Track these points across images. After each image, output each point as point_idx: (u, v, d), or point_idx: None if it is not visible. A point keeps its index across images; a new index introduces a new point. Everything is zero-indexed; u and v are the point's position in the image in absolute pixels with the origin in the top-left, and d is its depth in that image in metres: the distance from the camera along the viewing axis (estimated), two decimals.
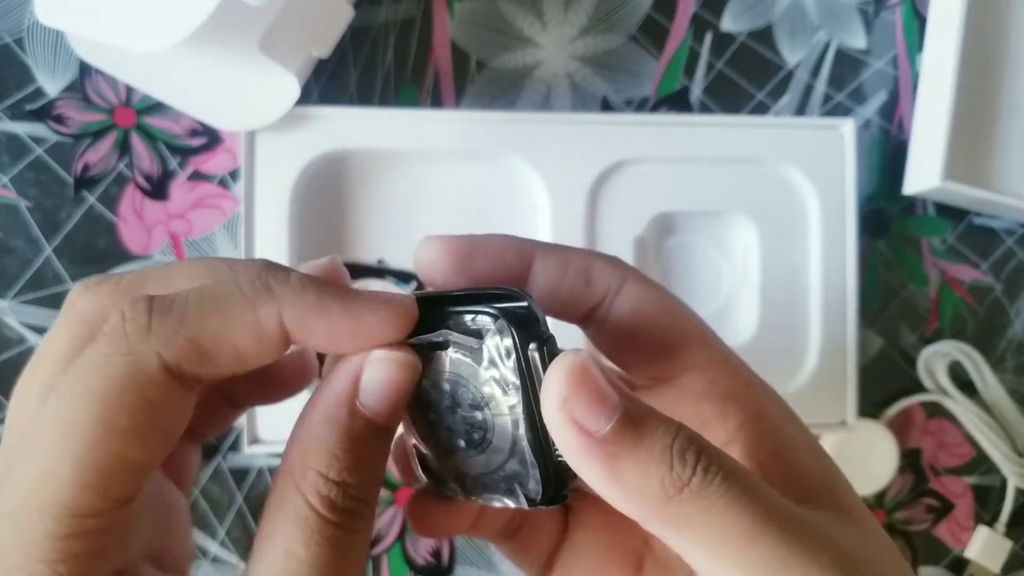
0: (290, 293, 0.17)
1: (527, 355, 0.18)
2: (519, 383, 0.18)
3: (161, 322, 0.17)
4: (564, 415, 0.16)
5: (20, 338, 0.43)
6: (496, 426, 0.18)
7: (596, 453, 0.16)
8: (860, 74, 0.48)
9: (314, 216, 0.43)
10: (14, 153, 0.42)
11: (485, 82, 0.46)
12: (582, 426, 0.16)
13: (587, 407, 0.16)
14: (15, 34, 0.42)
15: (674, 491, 0.16)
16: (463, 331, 0.18)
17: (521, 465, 0.18)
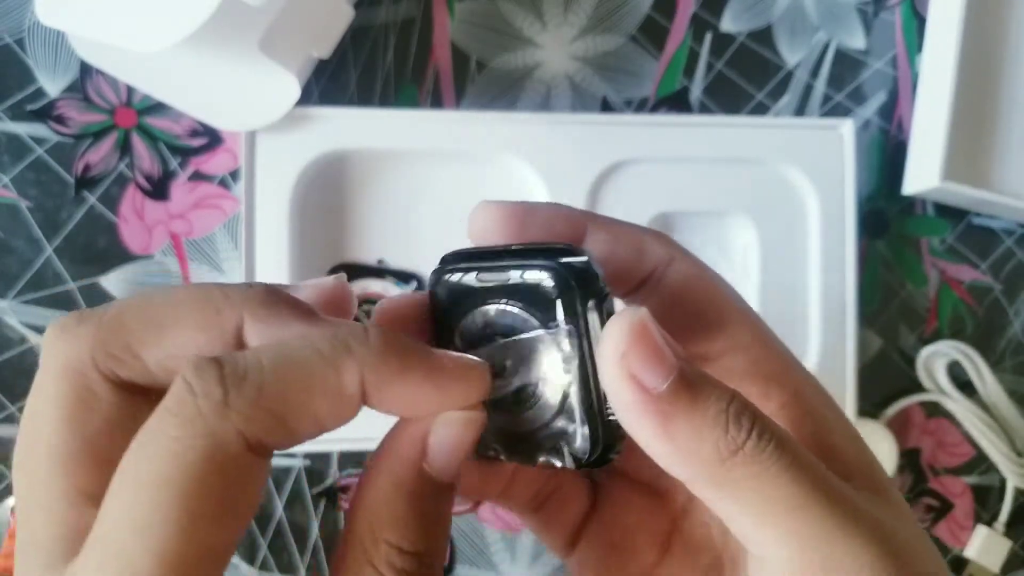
0: (372, 355, 0.16)
1: (585, 310, 0.18)
2: (575, 339, 0.18)
3: (239, 395, 0.15)
4: (622, 370, 0.16)
5: (21, 338, 0.43)
6: (547, 382, 0.18)
7: (651, 411, 0.16)
8: (860, 74, 0.48)
9: (314, 216, 0.43)
10: (15, 153, 0.42)
11: (485, 82, 0.46)
12: (639, 382, 0.16)
13: (645, 363, 0.16)
14: (16, 34, 0.42)
15: (727, 454, 0.16)
16: (519, 284, 0.18)
17: (570, 423, 0.18)
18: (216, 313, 0.17)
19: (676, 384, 0.16)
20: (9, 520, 0.42)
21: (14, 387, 0.43)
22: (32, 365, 0.43)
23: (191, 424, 0.15)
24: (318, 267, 0.44)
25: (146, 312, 0.17)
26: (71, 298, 0.43)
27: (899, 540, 0.17)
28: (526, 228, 0.20)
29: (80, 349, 0.17)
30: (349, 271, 0.44)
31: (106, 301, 0.43)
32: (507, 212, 0.20)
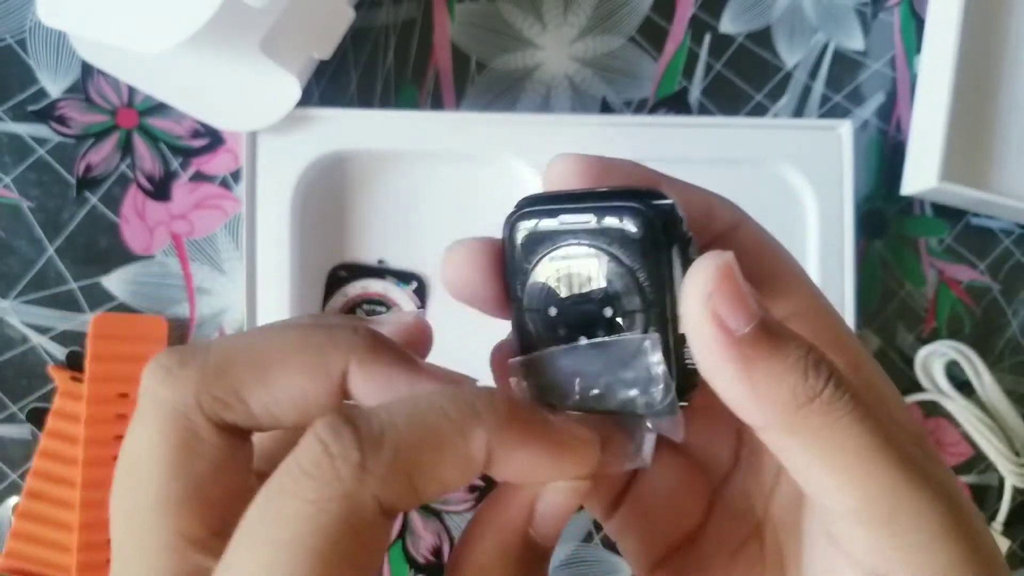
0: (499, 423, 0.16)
1: (669, 253, 0.18)
2: (657, 281, 0.18)
3: (376, 459, 0.15)
4: (707, 311, 0.16)
5: (23, 338, 0.43)
6: (623, 325, 0.18)
7: (733, 353, 0.16)
8: (858, 75, 0.49)
9: (315, 216, 0.43)
10: (16, 154, 0.43)
11: (485, 83, 0.46)
12: (723, 323, 0.16)
13: (730, 305, 0.16)
14: (17, 35, 0.43)
15: (804, 400, 0.16)
16: (602, 226, 0.18)
17: (645, 368, 0.18)
18: (322, 358, 0.17)
19: (758, 328, 0.16)
20: (10, 520, 0.42)
21: (15, 387, 0.43)
22: (34, 365, 0.43)
23: (328, 487, 0.15)
24: (318, 267, 0.44)
25: (251, 355, 0.17)
26: (72, 298, 0.43)
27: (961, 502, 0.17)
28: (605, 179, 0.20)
29: (185, 393, 0.17)
30: (349, 271, 0.44)
31: (107, 301, 0.43)
32: (587, 162, 0.20)
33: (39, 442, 0.42)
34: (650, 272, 0.18)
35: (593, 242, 0.18)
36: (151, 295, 0.43)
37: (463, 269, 0.20)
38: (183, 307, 0.44)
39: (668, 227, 0.18)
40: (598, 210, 0.18)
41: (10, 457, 0.43)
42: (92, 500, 0.41)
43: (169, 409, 0.17)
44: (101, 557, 0.41)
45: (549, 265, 0.19)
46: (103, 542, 0.42)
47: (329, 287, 0.44)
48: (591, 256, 0.18)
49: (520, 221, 0.19)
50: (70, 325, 0.43)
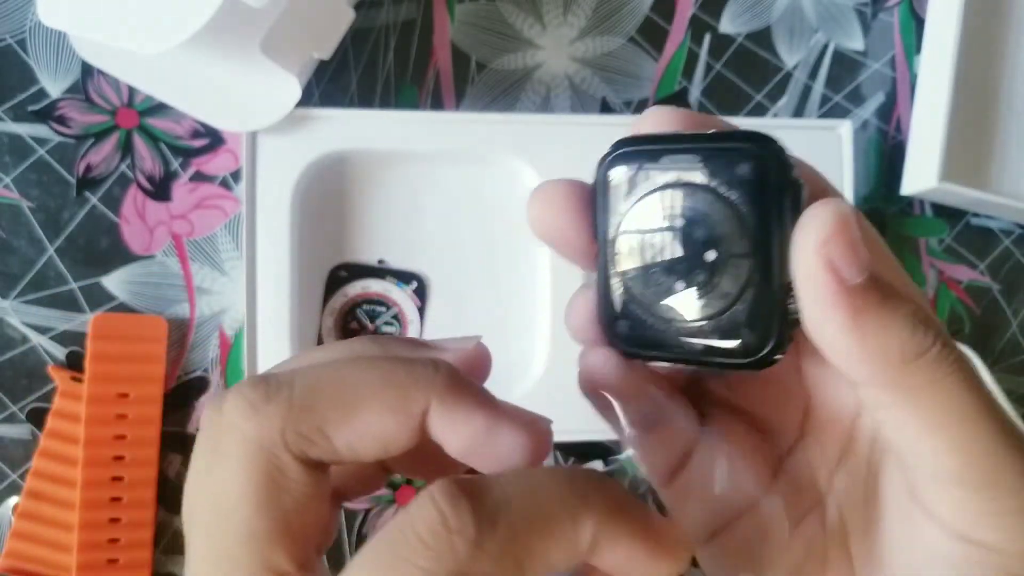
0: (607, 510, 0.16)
1: (781, 196, 0.17)
2: (764, 225, 0.17)
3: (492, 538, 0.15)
4: (821, 257, 0.16)
5: (23, 338, 0.43)
6: (725, 269, 0.18)
7: (844, 302, 0.16)
8: (858, 75, 0.49)
9: (315, 216, 0.43)
10: (17, 154, 0.43)
11: (485, 84, 0.46)
12: (837, 271, 0.16)
13: (845, 254, 0.16)
14: (17, 35, 0.43)
15: (912, 356, 0.16)
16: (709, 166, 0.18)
17: (743, 314, 0.18)
18: (405, 396, 0.17)
19: (870, 280, 0.16)
20: (11, 520, 0.42)
21: (15, 387, 0.43)
22: (34, 365, 0.43)
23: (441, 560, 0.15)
24: (319, 267, 0.44)
25: (336, 393, 0.17)
26: (73, 298, 0.43)
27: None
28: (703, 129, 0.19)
29: (271, 430, 0.17)
30: (350, 271, 0.44)
31: (107, 301, 0.43)
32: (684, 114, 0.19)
33: (39, 442, 0.42)
34: (759, 216, 0.17)
35: (700, 182, 0.18)
36: (151, 295, 0.43)
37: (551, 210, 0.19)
38: (183, 307, 0.44)
39: (781, 171, 0.17)
40: (707, 151, 0.18)
41: (10, 457, 0.43)
42: (92, 500, 0.41)
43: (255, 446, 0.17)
44: (101, 557, 0.42)
45: (648, 206, 0.18)
46: (103, 542, 0.42)
47: (329, 287, 0.44)
48: (696, 197, 0.18)
49: (618, 161, 0.19)
50: (70, 325, 0.43)
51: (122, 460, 0.42)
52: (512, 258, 0.45)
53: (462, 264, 0.45)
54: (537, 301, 0.45)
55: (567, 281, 0.44)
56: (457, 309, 0.45)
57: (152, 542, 0.43)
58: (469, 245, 0.45)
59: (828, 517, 0.21)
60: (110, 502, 0.42)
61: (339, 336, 0.44)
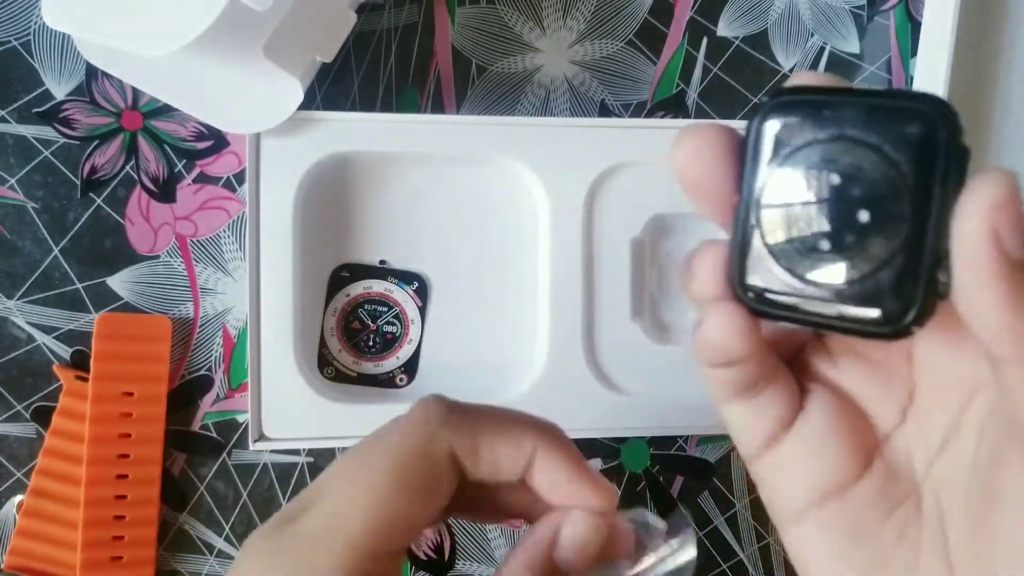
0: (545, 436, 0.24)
1: (947, 160, 0.16)
2: (925, 189, 0.16)
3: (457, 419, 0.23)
4: (988, 226, 0.15)
5: (28, 337, 0.43)
6: (879, 232, 0.17)
7: (1005, 275, 0.15)
8: (854, 78, 0.49)
9: (317, 217, 0.44)
10: (22, 155, 0.43)
11: (485, 86, 0.46)
12: (1001, 243, 0.15)
13: (1012, 224, 0.15)
14: (22, 37, 0.43)
15: None
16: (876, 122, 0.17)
17: (888, 281, 0.17)
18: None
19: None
20: (15, 518, 0.43)
21: (21, 386, 0.43)
22: (39, 364, 0.43)
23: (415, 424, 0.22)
24: (321, 267, 0.44)
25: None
26: (78, 298, 0.43)
27: None
28: None
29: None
30: (352, 271, 0.45)
31: (112, 301, 0.44)
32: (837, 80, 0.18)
33: (44, 441, 0.42)
34: (923, 179, 0.16)
35: (864, 138, 0.17)
36: (155, 295, 0.44)
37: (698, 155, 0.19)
38: (187, 307, 0.44)
39: (951, 134, 0.16)
40: (873, 107, 0.17)
41: (15, 455, 0.43)
42: (96, 498, 0.42)
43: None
44: (105, 555, 0.42)
45: (804, 160, 0.17)
46: (107, 540, 0.42)
47: (331, 287, 0.45)
48: (857, 153, 0.17)
49: (776, 112, 0.18)
50: (75, 325, 0.43)
51: (126, 458, 0.42)
52: (512, 259, 0.46)
53: (463, 265, 0.45)
54: (537, 301, 0.45)
55: (567, 282, 0.44)
56: (458, 309, 0.45)
57: (156, 540, 0.43)
58: (470, 246, 0.45)
59: (925, 504, 0.20)
60: (114, 500, 0.42)
61: (341, 335, 0.45)
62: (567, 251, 0.44)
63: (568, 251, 0.44)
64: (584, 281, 0.44)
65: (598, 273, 0.45)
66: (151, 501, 0.43)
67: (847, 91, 0.17)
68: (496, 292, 0.46)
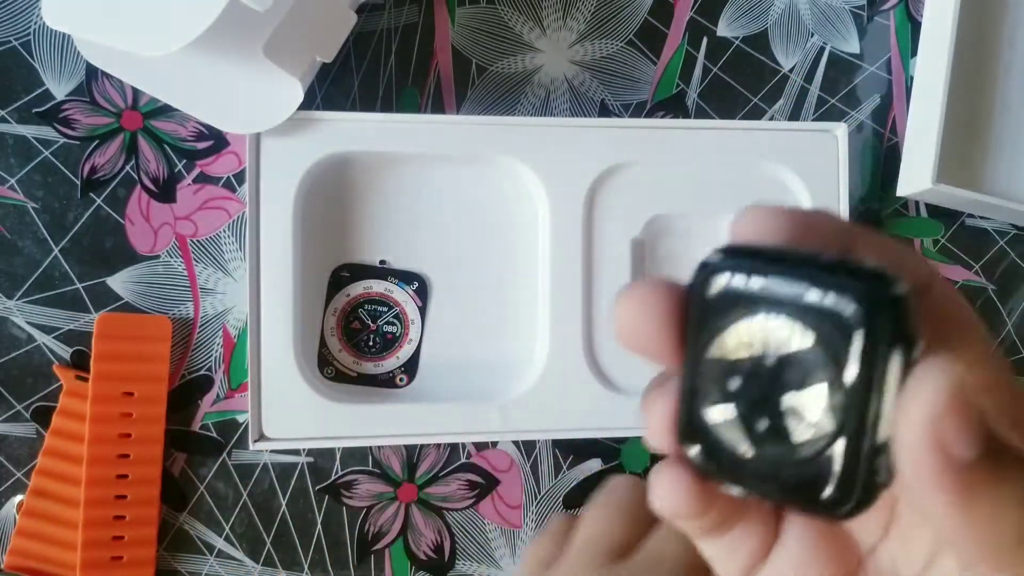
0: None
1: (888, 353, 0.15)
2: (865, 379, 0.15)
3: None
4: (930, 436, 0.14)
5: (28, 337, 0.43)
6: (813, 420, 0.16)
7: (954, 482, 0.14)
8: (854, 78, 0.49)
9: (317, 217, 0.44)
10: (22, 155, 0.43)
11: (485, 87, 0.46)
12: (947, 451, 0.14)
13: (959, 431, 0.14)
14: (22, 37, 0.43)
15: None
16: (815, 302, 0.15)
17: (827, 468, 0.16)
18: None
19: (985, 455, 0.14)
20: (15, 518, 0.43)
21: (21, 386, 0.43)
22: (39, 364, 0.43)
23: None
24: (321, 267, 0.44)
25: None
26: (78, 298, 0.43)
27: None
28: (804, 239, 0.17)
29: None
30: (352, 271, 0.45)
31: (112, 301, 0.44)
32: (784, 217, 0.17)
33: (44, 441, 0.42)
34: (862, 368, 0.15)
35: (802, 321, 0.16)
36: (156, 295, 0.44)
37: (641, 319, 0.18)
38: (187, 307, 0.44)
39: (896, 322, 0.15)
40: (816, 283, 0.15)
41: (15, 455, 0.43)
42: (96, 498, 0.42)
43: None
44: (105, 555, 0.42)
45: (742, 332, 0.16)
46: (107, 540, 0.42)
47: (332, 287, 0.45)
48: (795, 335, 0.16)
49: (718, 272, 0.17)
50: (75, 325, 0.43)
51: (127, 458, 0.42)
52: (512, 259, 0.46)
53: (463, 265, 0.45)
54: (537, 301, 0.45)
55: (567, 282, 0.44)
56: (458, 309, 0.45)
57: (156, 540, 0.43)
58: (470, 246, 0.45)
59: None
60: (114, 500, 0.42)
61: (341, 335, 0.45)
62: (567, 251, 0.44)
63: (568, 251, 0.44)
64: (584, 281, 0.44)
65: (598, 273, 0.45)
66: (151, 501, 0.43)
67: (794, 258, 0.16)
68: (496, 292, 0.46)
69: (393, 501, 0.46)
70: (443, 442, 0.45)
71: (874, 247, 0.18)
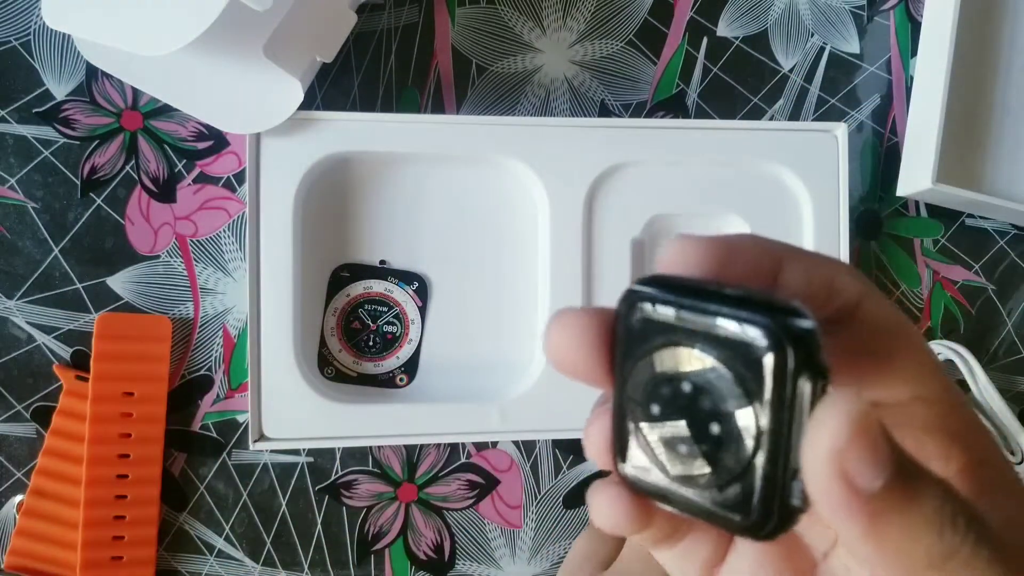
0: None
1: (796, 384, 0.16)
2: (776, 409, 0.16)
3: None
4: (834, 467, 0.14)
5: (28, 337, 0.43)
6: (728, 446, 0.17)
7: (861, 511, 0.14)
8: (854, 78, 0.49)
9: (318, 218, 0.44)
10: (22, 155, 0.43)
11: (485, 87, 0.46)
12: (851, 480, 0.14)
13: (863, 462, 0.14)
14: (22, 37, 0.43)
15: (940, 560, 0.15)
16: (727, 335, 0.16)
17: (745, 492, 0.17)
18: None
19: (891, 482, 0.14)
20: (15, 518, 0.43)
21: (21, 386, 0.43)
22: (39, 364, 0.43)
23: None
24: (321, 267, 0.44)
25: None
26: (78, 298, 0.43)
27: None
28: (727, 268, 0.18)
29: None
30: (352, 271, 0.45)
31: (112, 301, 0.44)
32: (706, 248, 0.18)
33: (44, 440, 0.42)
34: (772, 399, 0.16)
35: (714, 352, 0.16)
36: (156, 295, 0.44)
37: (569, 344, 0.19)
38: (187, 307, 0.44)
39: (802, 354, 0.15)
40: (728, 317, 0.16)
41: (15, 455, 0.43)
42: (96, 498, 0.42)
43: None
44: (105, 555, 0.42)
45: (664, 359, 0.17)
46: (107, 539, 0.42)
47: (332, 287, 0.45)
48: (707, 366, 0.16)
49: (641, 301, 0.17)
50: (75, 325, 0.43)
51: (127, 458, 0.42)
52: (512, 259, 0.46)
53: (463, 265, 0.45)
54: (537, 301, 0.45)
55: (567, 282, 0.44)
56: (458, 309, 0.45)
57: (156, 540, 0.43)
58: (470, 246, 0.45)
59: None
60: (115, 500, 0.42)
61: (341, 335, 0.45)
62: (567, 251, 0.44)
63: (568, 251, 0.44)
64: (584, 281, 0.44)
65: (598, 273, 0.45)
66: (151, 501, 0.43)
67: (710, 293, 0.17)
68: (496, 292, 0.46)
69: (393, 501, 0.46)
70: (443, 442, 0.45)
71: (802, 267, 0.18)
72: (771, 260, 0.18)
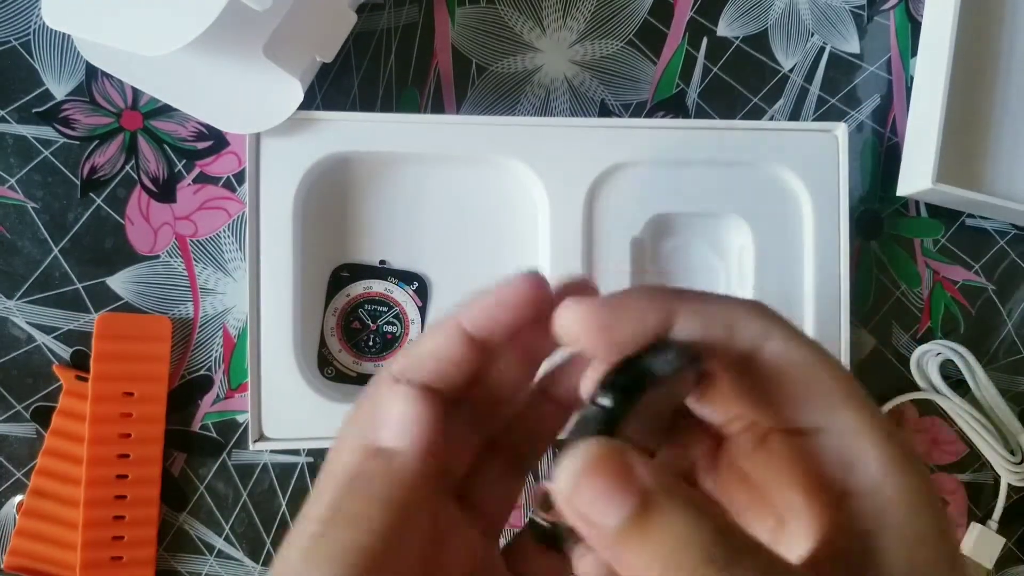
0: None
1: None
2: None
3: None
4: (571, 511, 0.16)
5: (28, 337, 0.43)
6: None
7: (601, 545, 0.16)
8: (854, 78, 0.49)
9: (317, 218, 0.44)
10: (22, 155, 0.43)
11: (485, 87, 0.46)
12: (588, 521, 0.16)
13: (594, 503, 0.16)
14: (22, 37, 0.43)
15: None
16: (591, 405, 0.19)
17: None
18: None
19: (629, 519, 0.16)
20: (15, 518, 0.43)
21: (21, 386, 0.43)
22: (39, 364, 0.43)
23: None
24: (321, 267, 0.44)
25: None
26: (78, 298, 0.43)
27: None
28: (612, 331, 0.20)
29: None
30: (352, 271, 0.45)
31: (112, 301, 0.44)
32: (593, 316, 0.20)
33: (44, 441, 0.42)
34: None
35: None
36: (155, 295, 0.44)
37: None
38: (187, 307, 0.44)
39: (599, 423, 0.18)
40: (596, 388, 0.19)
41: (15, 456, 0.43)
42: (96, 498, 0.42)
43: None
44: (105, 555, 0.42)
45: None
46: (107, 540, 0.42)
47: (332, 287, 0.45)
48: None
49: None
50: (75, 325, 0.43)
51: (126, 458, 0.42)
52: (512, 259, 0.45)
53: (463, 265, 0.45)
54: None
55: None
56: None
57: (156, 540, 0.43)
58: (470, 246, 0.45)
59: None
60: (114, 500, 0.42)
61: (341, 335, 0.45)
62: (567, 251, 0.44)
63: (568, 251, 0.44)
64: None
65: (598, 273, 0.45)
66: (151, 501, 0.43)
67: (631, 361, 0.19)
68: None
69: None
70: None
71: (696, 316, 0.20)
72: (658, 315, 0.20)
